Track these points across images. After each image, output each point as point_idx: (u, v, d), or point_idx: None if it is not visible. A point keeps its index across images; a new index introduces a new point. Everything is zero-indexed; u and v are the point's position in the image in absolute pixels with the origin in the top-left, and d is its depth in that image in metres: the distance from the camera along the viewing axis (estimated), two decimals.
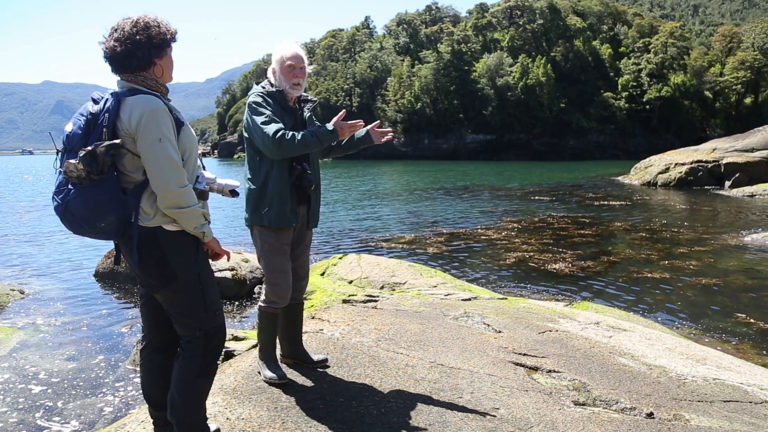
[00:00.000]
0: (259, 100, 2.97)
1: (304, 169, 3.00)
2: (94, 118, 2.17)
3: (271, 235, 3.02)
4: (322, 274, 6.56)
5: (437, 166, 49.61)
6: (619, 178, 29.52)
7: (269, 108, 2.93)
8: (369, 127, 3.24)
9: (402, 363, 3.39)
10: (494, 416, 2.79)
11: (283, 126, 2.86)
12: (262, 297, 3.13)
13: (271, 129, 2.81)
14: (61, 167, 2.16)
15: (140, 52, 2.21)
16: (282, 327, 3.27)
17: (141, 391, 2.64)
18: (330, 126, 2.89)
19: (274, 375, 3.05)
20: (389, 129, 3.27)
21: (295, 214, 3.03)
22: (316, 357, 3.30)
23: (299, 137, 2.80)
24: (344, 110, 2.93)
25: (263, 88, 3.04)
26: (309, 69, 3.13)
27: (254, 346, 3.72)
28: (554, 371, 3.40)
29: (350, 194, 24.06)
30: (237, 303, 7.36)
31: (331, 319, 4.19)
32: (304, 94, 3.18)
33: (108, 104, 2.17)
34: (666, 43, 76.25)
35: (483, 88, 75.25)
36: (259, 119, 2.88)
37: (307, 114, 3.16)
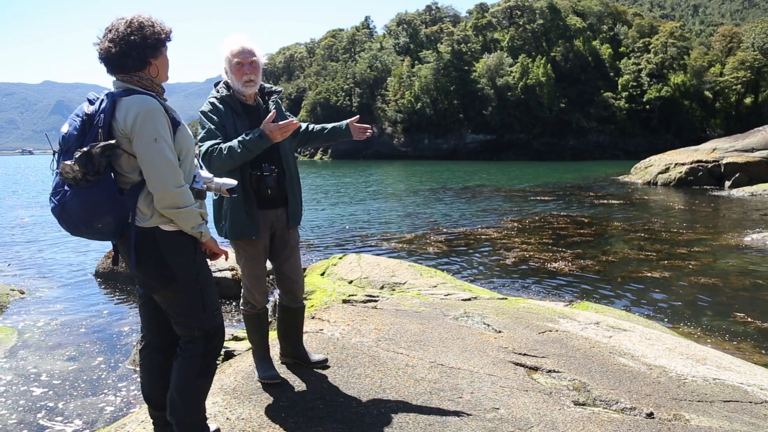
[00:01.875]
0: (206, 109, 2.88)
1: (262, 172, 2.87)
2: (90, 119, 2.17)
3: (243, 243, 2.99)
4: (322, 274, 6.55)
5: (437, 166, 49.60)
6: (619, 178, 29.52)
7: (213, 119, 2.83)
8: (349, 121, 3.20)
9: (402, 363, 3.39)
10: (494, 416, 2.79)
11: (217, 141, 2.75)
12: (241, 301, 3.16)
13: (204, 147, 2.75)
14: (57, 168, 2.16)
15: (135, 53, 2.20)
16: (282, 329, 3.29)
17: (141, 391, 2.64)
18: (258, 131, 2.69)
19: (267, 375, 3.06)
20: (368, 126, 3.19)
21: (253, 226, 2.89)
22: (316, 357, 3.30)
23: (225, 151, 2.68)
24: (273, 111, 2.75)
25: (218, 92, 2.94)
26: (263, 59, 2.97)
27: None
28: (554, 371, 3.40)
29: (350, 194, 24.06)
30: (237, 303, 7.35)
31: (331, 319, 4.19)
32: (267, 85, 3.11)
33: (103, 105, 2.17)
34: (666, 43, 76.24)
35: (483, 88, 75.25)
36: (200, 135, 2.82)
37: (272, 106, 3.03)
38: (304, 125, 3.27)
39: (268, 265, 3.17)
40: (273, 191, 2.90)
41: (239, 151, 2.67)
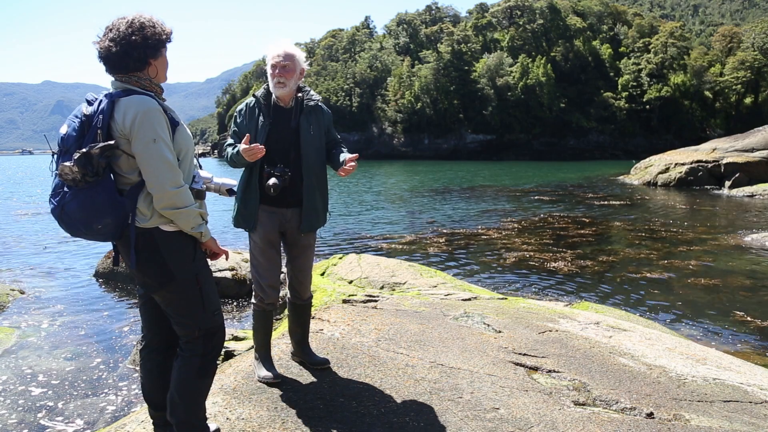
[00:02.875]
0: (238, 109, 3.16)
1: (272, 171, 2.94)
2: (89, 120, 2.16)
3: (252, 235, 3.12)
4: (322, 274, 6.54)
5: (437, 166, 49.59)
6: (619, 178, 29.52)
7: (237, 121, 3.12)
8: (348, 157, 3.07)
9: (402, 363, 3.39)
10: (494, 416, 2.79)
11: (232, 142, 3.06)
12: (253, 294, 3.21)
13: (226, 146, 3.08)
14: (56, 170, 2.15)
15: (136, 53, 2.20)
16: (289, 326, 3.33)
17: (141, 391, 2.64)
18: (238, 147, 2.92)
19: (267, 375, 3.08)
20: (354, 165, 3.07)
21: (249, 220, 3.06)
22: (317, 358, 3.30)
23: (227, 155, 3.02)
24: (248, 134, 2.91)
25: (258, 91, 3.15)
26: (304, 65, 3.06)
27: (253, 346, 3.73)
28: (554, 371, 3.40)
29: (351, 194, 24.05)
30: (237, 303, 7.36)
31: (331, 319, 4.19)
32: (313, 93, 3.15)
33: (102, 105, 2.16)
34: (666, 43, 76.28)
35: (483, 88, 75.24)
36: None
37: (306, 110, 3.08)
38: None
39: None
40: (275, 191, 2.93)
41: (229, 160, 3.02)
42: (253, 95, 3.15)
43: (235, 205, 3.13)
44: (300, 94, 3.12)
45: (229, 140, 3.10)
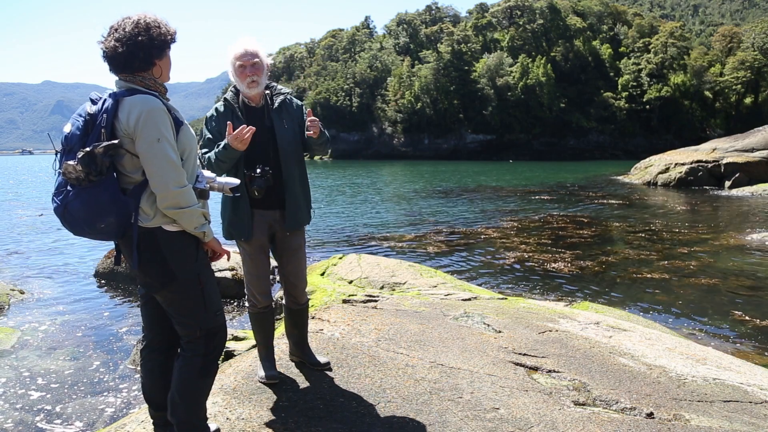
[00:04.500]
0: (208, 115, 3.06)
1: (252, 173, 2.89)
2: (93, 119, 2.16)
3: (241, 243, 3.05)
4: (322, 274, 6.55)
5: (437, 167, 49.59)
6: (619, 178, 29.52)
7: (211, 127, 2.99)
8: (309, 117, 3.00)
9: (402, 363, 3.39)
10: (494, 416, 2.79)
11: (207, 149, 2.91)
12: (246, 297, 3.21)
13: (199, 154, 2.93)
14: (60, 168, 2.15)
15: (142, 53, 2.20)
16: (287, 328, 3.33)
17: (141, 391, 2.64)
18: (223, 142, 2.81)
19: (267, 375, 3.08)
20: (314, 119, 2.96)
21: (242, 227, 2.96)
22: (318, 359, 3.29)
23: (206, 161, 2.87)
24: (229, 122, 2.82)
25: (226, 94, 3.05)
26: (268, 60, 3.00)
27: (254, 346, 3.73)
28: (554, 371, 3.40)
29: (350, 194, 24.05)
30: (237, 303, 7.36)
31: (331, 319, 4.19)
32: (280, 87, 3.13)
33: (106, 105, 2.17)
34: (666, 43, 76.31)
35: (483, 88, 75.26)
36: (201, 140, 2.98)
37: (276, 105, 3.04)
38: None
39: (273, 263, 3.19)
40: (260, 193, 2.90)
41: (214, 161, 2.84)
42: (224, 102, 3.02)
43: (224, 215, 3.03)
44: (267, 91, 3.07)
45: (202, 150, 2.92)
